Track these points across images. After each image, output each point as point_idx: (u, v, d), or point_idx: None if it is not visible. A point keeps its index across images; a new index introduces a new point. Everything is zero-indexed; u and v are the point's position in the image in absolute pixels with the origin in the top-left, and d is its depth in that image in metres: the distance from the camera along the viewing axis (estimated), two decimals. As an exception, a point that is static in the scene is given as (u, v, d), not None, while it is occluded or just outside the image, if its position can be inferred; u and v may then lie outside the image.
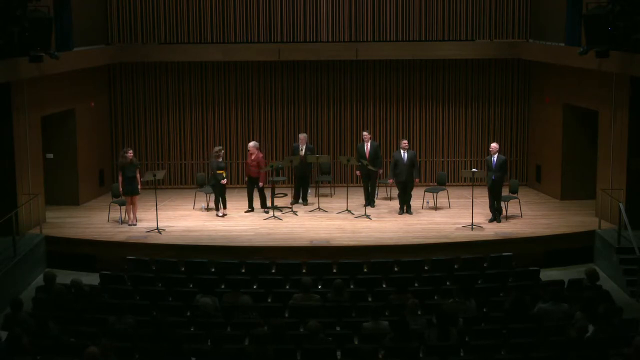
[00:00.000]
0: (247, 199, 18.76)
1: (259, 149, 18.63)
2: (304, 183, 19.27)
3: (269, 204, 18.48)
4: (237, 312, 12.34)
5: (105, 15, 20.42)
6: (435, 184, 19.88)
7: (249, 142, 19.03)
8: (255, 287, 13.88)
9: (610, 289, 13.81)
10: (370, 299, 13.38)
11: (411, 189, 18.31)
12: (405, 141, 18.40)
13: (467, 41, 20.66)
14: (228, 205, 18.61)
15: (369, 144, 18.71)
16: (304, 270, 14.66)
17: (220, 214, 18.28)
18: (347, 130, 21.13)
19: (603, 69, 16.36)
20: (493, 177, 17.47)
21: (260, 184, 18.38)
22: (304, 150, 18.98)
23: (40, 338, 11.02)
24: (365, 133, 18.87)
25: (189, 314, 12.64)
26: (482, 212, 17.95)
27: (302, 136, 19.25)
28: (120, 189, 17.61)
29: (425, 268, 14.83)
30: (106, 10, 20.43)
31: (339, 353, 11.08)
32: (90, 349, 9.95)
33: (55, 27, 16.80)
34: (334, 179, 20.73)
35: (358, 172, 19.12)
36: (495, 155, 17.54)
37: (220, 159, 18.09)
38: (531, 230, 17.08)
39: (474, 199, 17.68)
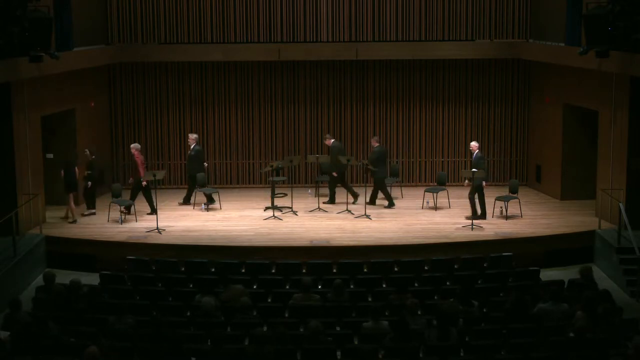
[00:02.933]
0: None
1: (139, 150, 18.54)
2: (192, 183, 19.13)
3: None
4: (237, 312, 12.34)
5: (105, 15, 20.42)
6: (435, 184, 19.88)
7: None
8: (255, 287, 13.89)
9: (610, 289, 13.78)
10: (370, 299, 13.38)
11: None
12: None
13: (467, 41, 20.65)
14: (224, 205, 18.91)
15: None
16: (304, 270, 14.66)
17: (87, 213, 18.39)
18: (347, 130, 21.12)
19: (603, 69, 16.36)
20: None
21: (144, 184, 18.20)
22: (192, 151, 18.92)
23: (40, 338, 11.03)
24: (328, 138, 19.26)
25: (189, 314, 12.64)
26: (482, 212, 17.99)
27: (192, 136, 19.07)
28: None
29: (425, 268, 14.82)
30: (106, 10, 20.43)
31: (339, 353, 11.08)
32: (90, 349, 9.97)
33: (55, 27, 16.79)
34: (334, 179, 20.72)
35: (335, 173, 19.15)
36: (474, 153, 17.78)
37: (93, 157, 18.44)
38: (531, 230, 17.08)
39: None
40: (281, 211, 18.49)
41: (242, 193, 20.45)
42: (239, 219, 18.24)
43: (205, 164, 19.49)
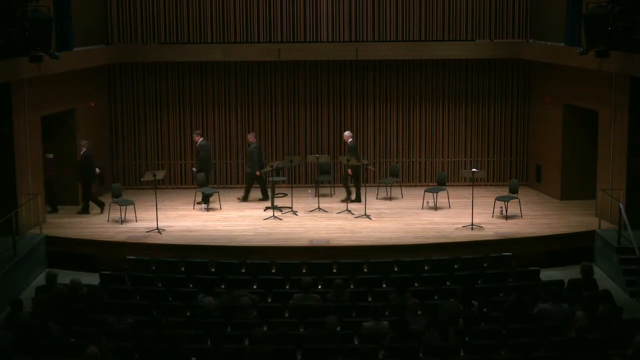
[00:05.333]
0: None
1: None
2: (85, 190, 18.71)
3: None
4: (236, 313, 12.34)
5: (105, 15, 20.42)
6: (435, 184, 19.88)
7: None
8: (255, 287, 13.89)
9: (610, 288, 13.77)
10: (370, 299, 13.38)
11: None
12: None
13: (467, 41, 20.65)
14: (224, 205, 19.00)
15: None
16: (304, 270, 14.66)
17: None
18: (347, 130, 21.08)
19: (603, 69, 16.36)
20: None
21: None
22: (83, 157, 18.51)
23: (40, 338, 11.03)
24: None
25: (189, 314, 12.64)
26: (482, 212, 17.96)
27: (83, 142, 18.63)
28: None
29: (425, 268, 14.83)
30: (106, 10, 20.43)
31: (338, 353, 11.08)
32: (90, 349, 9.97)
33: (55, 27, 16.79)
34: (334, 179, 20.71)
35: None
36: (348, 142, 19.00)
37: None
38: (531, 230, 17.08)
39: (474, 199, 17.68)
40: (281, 211, 18.49)
41: (242, 193, 20.41)
42: (239, 219, 18.24)
43: (97, 170, 18.78)
